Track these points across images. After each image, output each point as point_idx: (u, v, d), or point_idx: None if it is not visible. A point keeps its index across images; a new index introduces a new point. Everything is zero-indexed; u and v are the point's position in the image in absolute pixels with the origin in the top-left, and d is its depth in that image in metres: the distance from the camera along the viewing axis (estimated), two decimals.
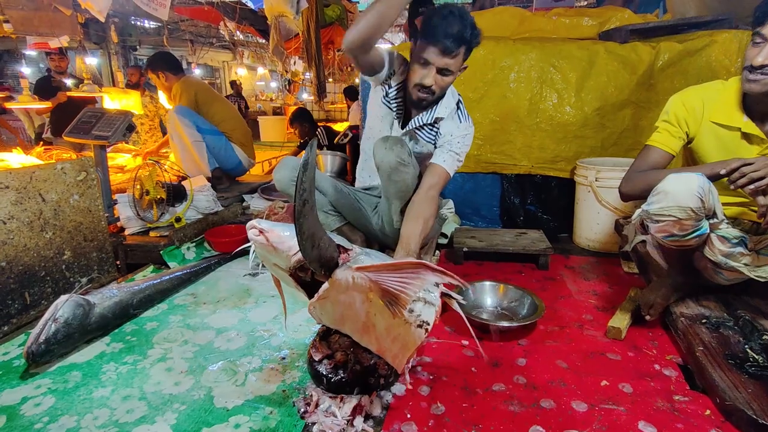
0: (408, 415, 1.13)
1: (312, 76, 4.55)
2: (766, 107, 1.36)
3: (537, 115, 2.52)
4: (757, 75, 1.28)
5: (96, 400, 1.20)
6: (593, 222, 2.33)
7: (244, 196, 3.11)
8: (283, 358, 1.38)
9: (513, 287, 1.72)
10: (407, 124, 1.76)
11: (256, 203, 2.97)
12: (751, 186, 1.20)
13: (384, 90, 1.76)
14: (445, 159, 1.69)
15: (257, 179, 3.65)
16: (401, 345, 1.09)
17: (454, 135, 1.71)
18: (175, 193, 2.35)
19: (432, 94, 1.62)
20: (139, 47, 8.76)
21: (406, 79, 1.69)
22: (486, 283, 1.76)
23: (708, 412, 1.14)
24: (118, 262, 2.09)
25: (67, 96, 4.07)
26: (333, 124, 6.31)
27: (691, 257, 1.46)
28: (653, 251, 1.59)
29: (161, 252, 2.09)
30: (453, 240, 2.27)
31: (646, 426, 1.09)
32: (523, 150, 2.56)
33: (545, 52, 2.48)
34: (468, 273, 2.08)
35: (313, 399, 1.13)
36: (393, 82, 1.73)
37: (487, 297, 1.72)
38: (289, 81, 11.78)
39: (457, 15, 1.50)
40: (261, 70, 14.91)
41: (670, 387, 1.25)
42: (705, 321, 1.40)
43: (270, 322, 1.61)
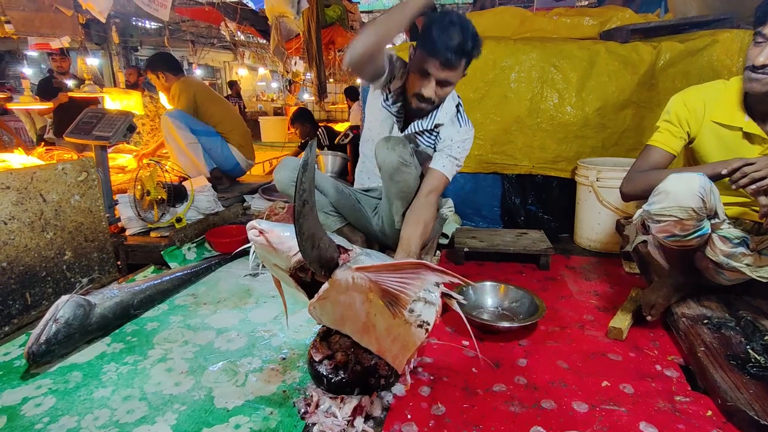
0: (408, 416, 1.13)
1: (313, 76, 4.56)
2: (767, 107, 1.36)
3: (538, 115, 2.51)
4: (759, 74, 1.27)
5: (96, 400, 1.20)
6: (594, 222, 2.33)
7: (244, 196, 3.11)
8: (284, 358, 1.38)
9: (514, 287, 1.72)
10: (407, 127, 1.75)
11: (256, 204, 2.97)
12: (753, 186, 1.19)
13: (384, 94, 1.75)
14: (444, 164, 1.70)
15: (258, 179, 3.65)
16: (401, 345, 1.09)
17: (453, 140, 1.70)
18: (176, 194, 2.35)
19: (431, 104, 1.62)
20: (141, 48, 8.79)
21: (405, 84, 1.68)
22: (487, 284, 1.76)
23: (709, 413, 1.14)
24: (118, 262, 2.09)
25: (70, 96, 4.08)
26: (334, 124, 6.30)
27: (693, 257, 1.45)
28: (654, 251, 1.59)
29: (162, 252, 2.09)
30: (454, 240, 2.27)
31: (647, 427, 1.09)
32: (524, 150, 2.56)
33: (546, 52, 2.48)
34: (469, 273, 2.07)
35: (314, 399, 1.13)
36: (393, 86, 1.72)
37: (488, 297, 1.72)
38: (290, 81, 11.80)
39: (458, 26, 1.46)
40: (262, 70, 14.95)
41: (671, 388, 1.24)
42: (706, 321, 1.39)
43: (270, 322, 1.61)
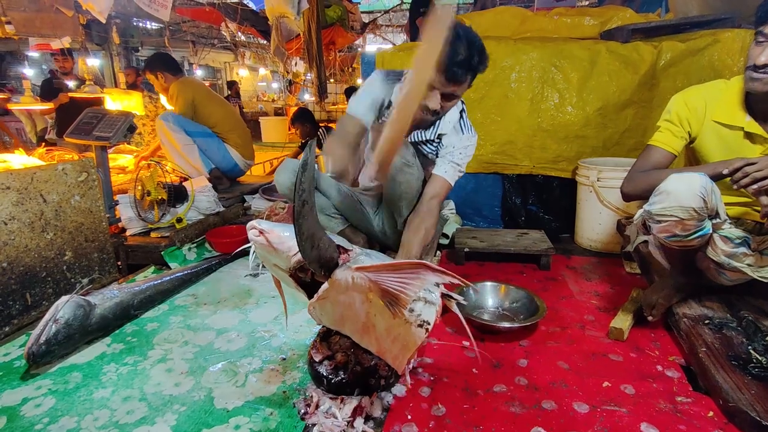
0: (408, 417, 1.13)
1: (313, 76, 4.56)
2: None
3: (538, 115, 2.51)
4: (760, 74, 1.27)
5: (96, 400, 1.20)
6: (595, 222, 2.33)
7: (245, 196, 3.11)
8: (284, 359, 1.38)
9: (514, 288, 1.72)
10: (409, 135, 1.74)
11: (257, 204, 2.97)
12: (754, 186, 1.19)
13: (383, 114, 1.70)
14: (447, 170, 1.70)
15: (258, 180, 3.65)
16: (401, 345, 1.08)
17: (456, 147, 1.70)
18: (176, 194, 2.35)
19: (436, 115, 1.60)
20: (141, 48, 8.78)
21: None
22: (487, 284, 1.75)
23: (711, 413, 1.13)
24: (119, 262, 2.09)
25: (71, 97, 4.08)
26: (334, 124, 6.30)
27: (694, 258, 1.45)
28: (655, 251, 1.59)
29: (162, 253, 2.09)
30: (454, 240, 2.27)
31: (648, 428, 1.09)
32: (525, 150, 2.55)
33: (546, 51, 2.48)
34: (469, 273, 2.07)
35: (314, 400, 1.13)
36: (389, 109, 1.67)
37: (489, 297, 1.72)
38: (291, 82, 11.81)
39: (465, 40, 1.42)
40: (262, 70, 14.98)
41: (672, 388, 1.24)
42: (708, 322, 1.39)
43: (270, 322, 1.61)
